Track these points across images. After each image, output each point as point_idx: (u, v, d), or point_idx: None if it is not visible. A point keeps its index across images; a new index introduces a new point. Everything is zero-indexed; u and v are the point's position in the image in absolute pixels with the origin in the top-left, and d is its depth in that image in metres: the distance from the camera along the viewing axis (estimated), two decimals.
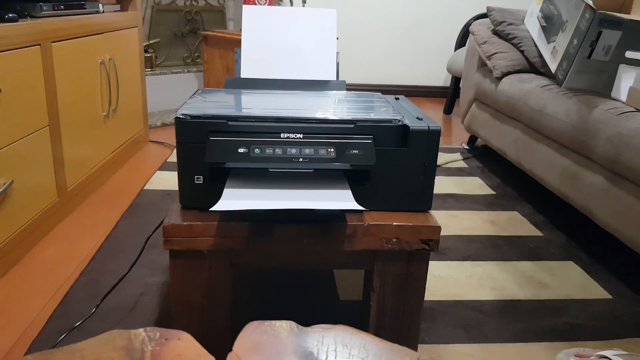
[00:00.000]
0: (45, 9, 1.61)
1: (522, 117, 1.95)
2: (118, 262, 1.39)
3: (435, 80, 3.86)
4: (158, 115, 2.88)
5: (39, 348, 1.07)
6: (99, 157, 1.94)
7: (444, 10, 3.70)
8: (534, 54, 2.08)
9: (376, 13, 3.71)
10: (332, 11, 1.18)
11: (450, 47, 3.53)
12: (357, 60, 3.72)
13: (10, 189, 1.34)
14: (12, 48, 1.35)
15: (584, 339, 1.16)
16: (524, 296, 1.32)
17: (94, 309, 1.18)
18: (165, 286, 1.29)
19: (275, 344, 0.46)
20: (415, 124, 0.84)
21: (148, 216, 1.68)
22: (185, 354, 0.44)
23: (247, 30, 1.16)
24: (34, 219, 1.47)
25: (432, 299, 1.29)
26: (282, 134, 0.81)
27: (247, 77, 1.13)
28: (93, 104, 1.88)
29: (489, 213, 1.82)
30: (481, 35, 2.31)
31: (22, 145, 1.40)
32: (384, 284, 0.88)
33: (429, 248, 0.86)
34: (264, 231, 0.83)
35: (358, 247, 0.85)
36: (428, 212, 0.89)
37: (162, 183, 1.97)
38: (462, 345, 1.13)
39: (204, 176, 0.83)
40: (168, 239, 0.81)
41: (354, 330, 0.48)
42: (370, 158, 0.81)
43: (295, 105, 0.96)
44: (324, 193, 0.81)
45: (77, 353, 0.44)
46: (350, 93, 1.09)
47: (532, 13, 2.12)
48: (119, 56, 2.08)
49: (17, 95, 1.38)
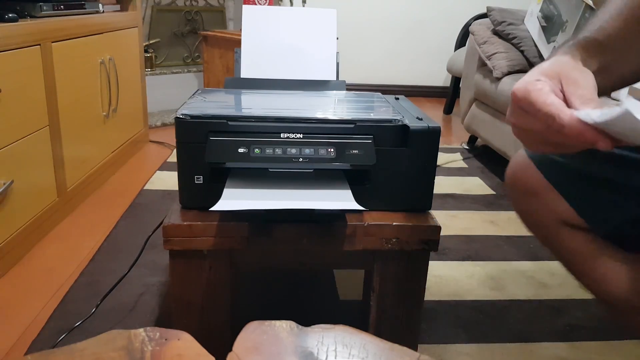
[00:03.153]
0: (45, 9, 1.61)
1: None
2: (118, 262, 1.39)
3: (435, 80, 3.86)
4: (158, 115, 2.88)
5: (39, 348, 1.07)
6: (99, 157, 1.93)
7: (444, 10, 3.69)
8: (534, 54, 2.08)
9: (376, 13, 3.70)
10: (332, 11, 1.18)
11: (450, 47, 3.53)
12: (357, 60, 3.72)
13: (10, 189, 1.34)
14: (12, 48, 1.35)
15: (584, 339, 1.16)
16: (524, 296, 1.32)
17: (94, 309, 1.18)
18: (165, 286, 1.29)
19: (275, 344, 0.46)
20: (415, 124, 0.84)
21: (148, 216, 1.68)
22: (185, 354, 0.44)
23: (247, 30, 1.16)
24: (34, 219, 1.47)
25: (432, 299, 1.29)
26: (282, 134, 0.81)
27: (247, 77, 1.13)
28: (93, 104, 1.88)
29: (489, 213, 1.82)
30: (481, 35, 2.31)
31: (22, 145, 1.40)
32: (384, 284, 0.88)
33: (429, 248, 0.86)
34: (264, 231, 0.83)
35: (358, 247, 0.85)
36: (428, 212, 0.89)
37: (162, 183, 1.97)
38: (462, 345, 1.13)
39: (204, 176, 0.83)
40: (168, 239, 0.81)
41: (354, 330, 0.48)
42: (370, 158, 0.81)
43: (295, 105, 0.96)
44: (324, 193, 0.81)
45: (77, 353, 0.44)
46: (350, 93, 1.09)
47: (532, 13, 2.12)
48: (119, 56, 2.08)
49: (17, 95, 1.38)
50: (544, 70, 0.51)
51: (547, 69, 0.52)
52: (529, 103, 0.49)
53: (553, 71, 0.51)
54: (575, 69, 0.52)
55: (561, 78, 0.50)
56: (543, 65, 0.53)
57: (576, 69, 0.52)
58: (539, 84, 0.49)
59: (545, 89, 0.49)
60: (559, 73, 0.51)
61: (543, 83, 0.50)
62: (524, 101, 0.50)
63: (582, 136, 0.45)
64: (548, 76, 0.51)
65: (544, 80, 0.50)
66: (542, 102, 0.48)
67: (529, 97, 0.49)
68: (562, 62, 0.53)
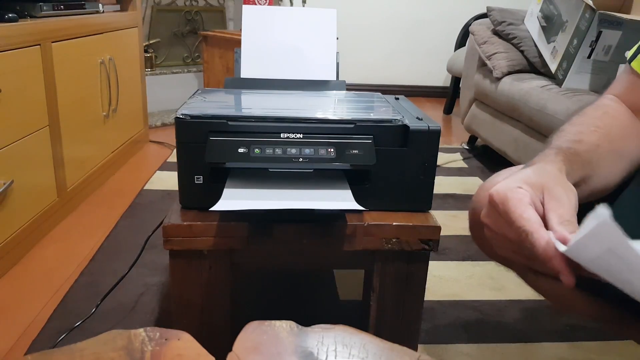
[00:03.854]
0: (45, 9, 1.61)
1: (522, 117, 1.95)
2: (118, 262, 1.39)
3: (435, 80, 3.86)
4: (158, 115, 2.88)
5: (39, 348, 1.07)
6: (99, 157, 1.93)
7: (444, 10, 3.69)
8: (534, 54, 2.08)
9: (376, 13, 3.70)
10: (332, 11, 1.18)
11: (450, 47, 3.53)
12: (357, 60, 3.72)
13: (10, 189, 1.34)
14: (12, 48, 1.35)
15: (584, 339, 1.16)
16: (524, 296, 1.32)
17: (94, 309, 1.18)
18: (165, 286, 1.29)
19: (275, 344, 0.46)
20: (415, 124, 0.84)
21: (148, 216, 1.68)
22: (185, 354, 0.44)
23: (247, 30, 1.16)
24: (34, 219, 1.47)
25: (432, 299, 1.29)
26: (282, 134, 0.81)
27: (247, 77, 1.13)
28: (93, 104, 1.88)
29: None
30: (481, 35, 2.31)
31: (22, 145, 1.40)
32: (384, 284, 0.88)
33: (429, 248, 0.86)
34: (264, 231, 0.83)
35: (358, 247, 0.85)
36: (428, 212, 0.89)
37: (162, 183, 1.97)
38: (462, 345, 1.13)
39: (204, 176, 0.83)
40: (168, 239, 0.81)
41: (354, 330, 0.48)
42: (370, 158, 0.81)
43: (295, 105, 0.96)
44: (324, 193, 0.81)
45: (77, 353, 0.44)
46: (350, 93, 1.09)
47: (532, 13, 2.12)
48: (119, 56, 2.08)
49: (17, 95, 1.38)
50: (528, 178, 0.49)
51: (532, 178, 0.49)
52: (505, 211, 0.47)
53: (537, 182, 0.49)
54: (559, 183, 0.50)
55: (544, 190, 0.48)
56: (527, 171, 0.51)
57: (560, 184, 0.50)
58: (519, 193, 0.47)
59: (525, 200, 0.46)
60: (543, 185, 0.49)
61: (524, 193, 0.47)
62: (500, 207, 0.47)
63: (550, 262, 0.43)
64: (532, 186, 0.48)
65: (525, 190, 0.48)
66: (518, 215, 0.45)
67: (506, 205, 0.47)
68: (547, 173, 0.51)
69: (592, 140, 0.60)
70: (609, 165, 0.61)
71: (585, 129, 0.62)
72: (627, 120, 0.66)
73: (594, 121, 0.63)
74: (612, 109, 0.67)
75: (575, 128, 0.62)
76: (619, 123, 0.65)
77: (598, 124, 0.63)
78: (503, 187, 0.48)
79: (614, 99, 0.69)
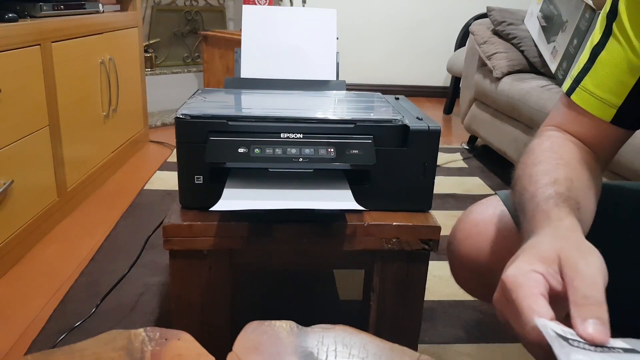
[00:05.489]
0: (45, 9, 1.61)
1: (522, 117, 1.95)
2: (118, 262, 1.39)
3: (435, 80, 3.86)
4: (158, 115, 2.88)
5: (39, 348, 1.07)
6: (99, 157, 1.93)
7: (444, 10, 3.69)
8: (534, 54, 2.08)
9: (376, 13, 3.70)
10: (332, 11, 1.18)
11: (450, 47, 3.53)
12: (357, 60, 3.72)
13: (10, 189, 1.34)
14: (12, 48, 1.35)
15: None
16: None
17: (94, 309, 1.17)
18: (165, 286, 1.29)
19: (275, 344, 0.46)
20: (415, 124, 0.84)
21: (148, 216, 1.68)
22: (185, 354, 0.44)
23: (247, 30, 1.16)
24: (34, 219, 1.47)
25: (432, 299, 1.29)
26: (282, 134, 0.81)
27: (247, 77, 1.13)
28: (93, 104, 1.88)
29: None
30: (481, 35, 2.31)
31: (22, 145, 1.40)
32: (384, 284, 0.88)
33: (429, 248, 0.86)
34: (264, 231, 0.83)
35: (358, 247, 0.85)
36: (428, 212, 0.89)
37: (162, 183, 1.97)
38: (462, 345, 1.13)
39: (204, 176, 0.83)
40: (168, 239, 0.81)
41: (354, 330, 0.48)
42: (370, 158, 0.81)
43: (295, 105, 0.96)
44: (324, 193, 0.81)
45: (77, 353, 0.44)
46: (350, 93, 1.09)
47: (532, 13, 2.12)
48: (119, 56, 2.08)
49: (17, 95, 1.38)
50: (542, 253, 0.45)
51: (546, 251, 0.45)
52: (513, 299, 0.43)
53: (552, 255, 0.44)
54: (577, 247, 0.45)
55: (561, 261, 0.44)
56: (542, 244, 0.47)
57: (578, 247, 0.45)
58: (532, 280, 0.43)
59: (534, 291, 0.42)
60: (560, 255, 0.44)
61: (536, 281, 0.43)
62: (509, 294, 0.44)
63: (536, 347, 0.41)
64: (545, 261, 0.44)
65: (539, 273, 0.43)
66: (526, 306, 0.42)
67: (515, 293, 0.43)
68: (562, 238, 0.47)
69: (564, 176, 0.56)
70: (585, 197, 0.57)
71: (549, 167, 0.58)
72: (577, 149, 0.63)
73: (551, 155, 0.60)
74: (560, 139, 0.64)
75: (540, 168, 0.58)
76: (572, 152, 0.61)
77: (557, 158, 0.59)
78: (515, 271, 0.44)
79: (555, 129, 0.66)
